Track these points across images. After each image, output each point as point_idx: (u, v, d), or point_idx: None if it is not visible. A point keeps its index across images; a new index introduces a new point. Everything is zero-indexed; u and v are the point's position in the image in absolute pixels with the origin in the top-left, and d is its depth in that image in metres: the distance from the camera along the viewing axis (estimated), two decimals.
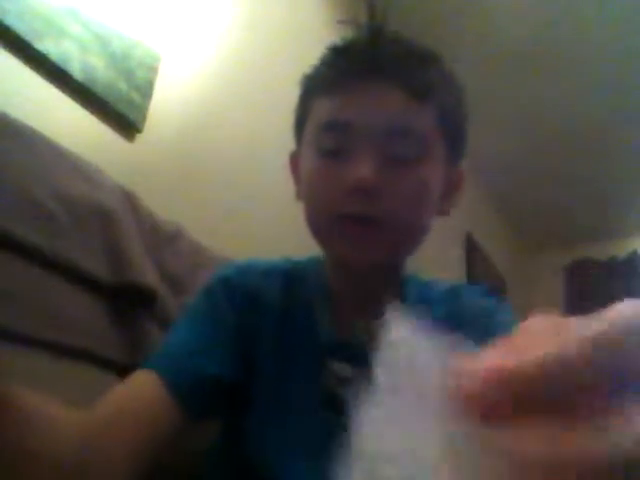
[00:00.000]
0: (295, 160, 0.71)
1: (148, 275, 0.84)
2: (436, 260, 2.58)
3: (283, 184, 1.73)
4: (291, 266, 0.72)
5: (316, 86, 0.65)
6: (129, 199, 0.91)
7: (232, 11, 1.65)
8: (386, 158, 0.59)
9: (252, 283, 0.68)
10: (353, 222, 0.58)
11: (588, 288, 3.79)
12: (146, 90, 1.30)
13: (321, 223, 0.63)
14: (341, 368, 0.63)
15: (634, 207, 3.52)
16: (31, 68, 1.08)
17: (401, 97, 0.59)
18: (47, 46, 1.08)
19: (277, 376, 0.63)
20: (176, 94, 1.43)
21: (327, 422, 0.61)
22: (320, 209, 0.62)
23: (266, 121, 1.72)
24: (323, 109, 0.63)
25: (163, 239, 0.96)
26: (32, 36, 1.06)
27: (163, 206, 1.06)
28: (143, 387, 0.55)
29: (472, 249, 3.20)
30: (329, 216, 0.60)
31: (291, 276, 0.70)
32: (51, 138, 0.85)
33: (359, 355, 0.62)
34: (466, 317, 0.67)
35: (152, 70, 1.33)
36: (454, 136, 0.65)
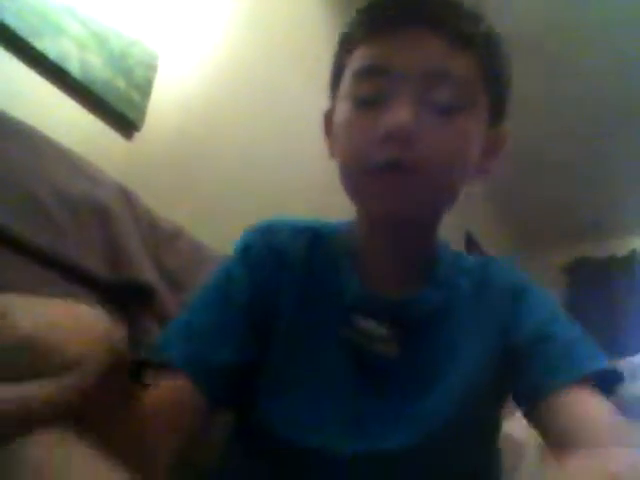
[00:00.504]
0: (329, 118, 0.67)
1: (147, 273, 0.84)
2: None
3: (281, 182, 1.73)
4: (320, 225, 0.70)
5: (354, 36, 0.62)
6: (128, 197, 0.91)
7: (230, 9, 1.64)
8: (425, 106, 0.55)
9: (277, 243, 0.66)
10: (387, 170, 0.55)
11: (588, 286, 3.79)
12: (145, 88, 1.30)
13: (354, 175, 0.59)
14: (368, 324, 0.62)
15: (633, 206, 3.52)
16: (29, 66, 1.08)
17: (443, 43, 0.57)
18: (45, 44, 1.08)
19: (301, 337, 0.62)
20: (175, 92, 1.43)
21: (354, 380, 0.60)
22: (354, 160, 0.58)
23: (265, 119, 1.71)
24: (360, 57, 0.60)
25: (162, 237, 0.96)
26: (30, 34, 1.06)
27: (162, 204, 1.06)
28: (170, 388, 0.54)
29: (472, 247, 3.21)
30: (363, 166, 0.57)
31: (319, 234, 0.69)
32: (50, 136, 0.85)
33: (386, 311, 0.62)
34: (494, 291, 0.66)
35: (151, 68, 1.33)
36: (497, 89, 0.62)
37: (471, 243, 3.22)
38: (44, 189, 0.76)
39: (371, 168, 0.56)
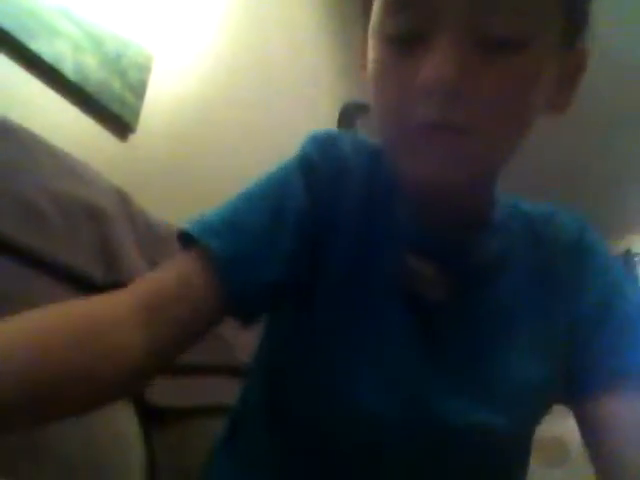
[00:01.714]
0: (363, 56, 0.54)
1: (141, 276, 0.84)
2: None
3: None
4: (378, 150, 0.60)
5: None
6: (122, 199, 0.91)
7: (225, 11, 1.64)
8: (477, 43, 0.43)
9: (339, 154, 0.59)
10: (429, 132, 0.45)
11: None
12: (139, 90, 1.30)
13: (392, 135, 0.49)
14: (417, 264, 0.55)
15: (628, 205, 3.54)
16: (24, 67, 1.07)
17: None
18: (40, 45, 1.08)
19: (351, 270, 0.55)
20: (169, 94, 1.42)
21: (404, 326, 0.54)
22: (390, 117, 0.48)
23: (259, 121, 1.71)
24: None
25: (157, 239, 0.96)
26: (25, 35, 1.05)
27: (156, 206, 1.05)
28: (192, 274, 0.48)
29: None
30: (401, 126, 0.47)
31: (379, 154, 0.59)
32: (44, 137, 0.84)
33: (440, 253, 0.55)
34: (561, 250, 0.59)
35: (145, 70, 1.32)
36: (575, 3, 0.48)
37: None
38: (38, 191, 0.76)
39: (409, 129, 0.46)
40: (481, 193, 0.56)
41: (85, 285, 0.78)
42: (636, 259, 3.70)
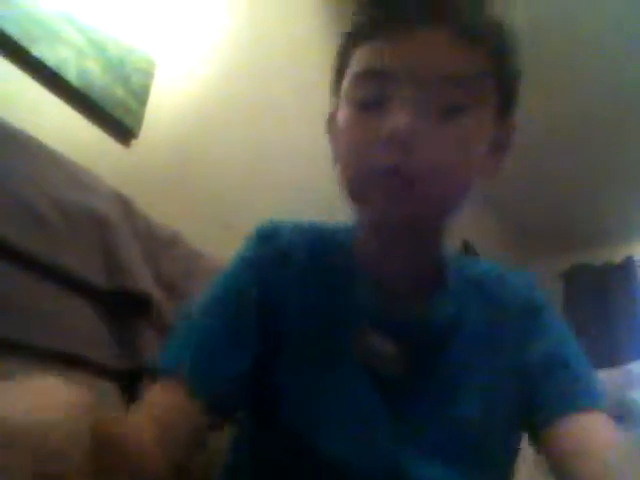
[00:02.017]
0: (332, 120, 0.65)
1: (144, 281, 0.84)
2: None
3: (278, 190, 1.73)
4: (322, 226, 0.68)
5: (354, 37, 0.59)
6: (125, 205, 0.91)
7: (227, 17, 1.65)
8: (428, 108, 0.53)
9: (280, 244, 0.65)
10: (387, 177, 0.53)
11: (585, 293, 3.79)
12: (142, 96, 1.30)
13: (354, 181, 0.57)
14: (375, 340, 0.59)
15: (629, 212, 3.53)
16: (27, 73, 1.08)
17: (448, 40, 0.54)
18: (43, 51, 1.08)
19: (307, 350, 0.60)
20: (172, 100, 1.43)
21: (366, 401, 0.58)
22: (354, 165, 0.56)
23: (262, 126, 1.72)
24: (362, 57, 0.57)
25: (159, 244, 0.96)
26: (28, 41, 1.06)
27: (159, 211, 1.05)
28: (173, 398, 0.53)
29: (469, 255, 3.21)
30: (363, 172, 0.55)
31: (323, 235, 0.67)
32: (47, 143, 0.85)
33: (397, 327, 0.60)
34: (508, 307, 0.64)
35: (148, 76, 1.33)
36: (507, 84, 0.58)
37: (468, 251, 3.23)
38: (40, 197, 0.76)
39: (371, 174, 0.54)
40: (432, 243, 0.63)
41: (88, 290, 0.78)
42: (637, 266, 3.70)
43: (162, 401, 0.53)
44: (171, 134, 1.41)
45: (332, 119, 0.65)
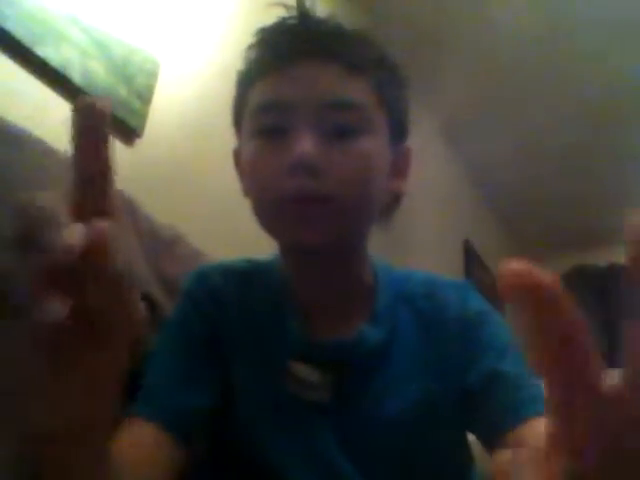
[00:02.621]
0: (238, 156, 0.70)
1: (147, 282, 0.84)
2: (434, 267, 2.58)
3: None
4: (249, 265, 0.71)
5: (250, 74, 0.64)
6: (127, 204, 0.91)
7: (230, 17, 1.65)
8: (326, 133, 0.57)
9: (211, 285, 0.67)
10: (297, 201, 0.56)
11: (587, 295, 3.79)
12: (146, 96, 1.31)
13: (266, 208, 0.61)
14: (302, 371, 0.61)
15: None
16: (31, 73, 1.08)
17: (336, 71, 0.59)
18: (48, 52, 1.09)
19: (246, 379, 0.64)
20: (175, 100, 1.43)
21: (293, 428, 0.61)
22: (264, 193, 0.60)
23: None
24: (258, 94, 0.61)
25: (161, 244, 0.96)
26: (33, 42, 1.06)
27: (161, 211, 1.06)
28: (142, 437, 0.55)
29: (470, 256, 3.21)
30: (273, 199, 0.58)
31: (249, 273, 0.69)
32: (50, 143, 0.85)
33: (323, 355, 0.62)
34: (444, 325, 0.64)
35: (152, 76, 1.33)
36: (394, 110, 0.63)
37: (469, 252, 3.22)
38: None
39: (282, 200, 0.57)
40: (353, 264, 0.65)
41: None
42: None
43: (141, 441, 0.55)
44: (175, 134, 1.42)
45: (238, 156, 0.70)
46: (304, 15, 0.64)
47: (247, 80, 0.65)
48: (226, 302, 0.66)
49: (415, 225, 2.58)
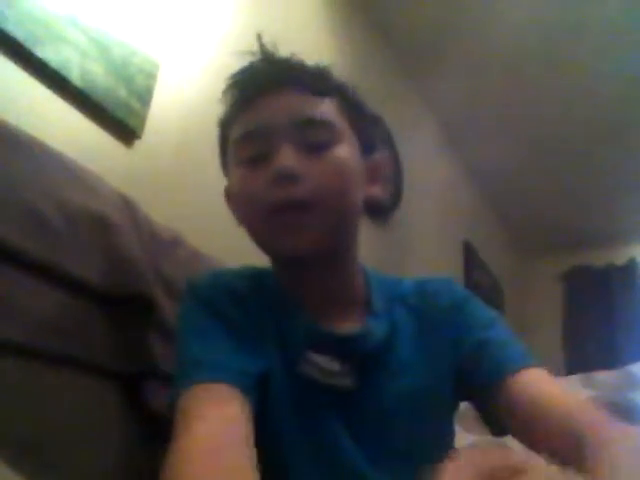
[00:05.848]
0: (229, 192, 0.76)
1: (147, 284, 0.84)
2: (434, 268, 2.58)
3: None
4: (254, 271, 0.76)
5: (229, 114, 0.72)
6: (128, 206, 0.91)
7: (230, 18, 1.65)
8: (303, 148, 0.65)
9: (224, 283, 0.72)
10: (282, 209, 0.63)
11: (586, 295, 3.79)
12: (145, 97, 1.31)
13: (255, 223, 0.68)
14: (321, 359, 0.66)
15: (632, 214, 3.53)
16: (30, 74, 1.08)
17: (302, 96, 0.68)
18: (47, 52, 1.09)
19: (279, 372, 0.66)
20: (175, 101, 1.43)
21: (313, 416, 0.65)
22: (252, 208, 0.67)
23: None
24: (237, 128, 0.69)
25: (161, 246, 0.96)
26: (32, 42, 1.06)
27: (162, 213, 1.06)
28: (228, 401, 0.57)
29: (470, 257, 3.21)
30: (260, 211, 0.65)
31: (257, 278, 0.74)
32: (50, 144, 0.85)
33: (335, 346, 0.67)
34: (435, 313, 0.73)
35: (151, 77, 1.33)
36: (358, 127, 0.72)
37: (469, 252, 3.23)
38: (43, 198, 0.76)
39: (268, 211, 0.64)
40: (343, 267, 0.72)
41: (89, 292, 0.79)
42: None
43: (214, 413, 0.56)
44: (174, 135, 1.42)
45: (228, 192, 0.76)
46: (269, 55, 0.73)
47: (226, 123, 0.73)
48: (243, 301, 0.70)
49: (415, 225, 2.59)
